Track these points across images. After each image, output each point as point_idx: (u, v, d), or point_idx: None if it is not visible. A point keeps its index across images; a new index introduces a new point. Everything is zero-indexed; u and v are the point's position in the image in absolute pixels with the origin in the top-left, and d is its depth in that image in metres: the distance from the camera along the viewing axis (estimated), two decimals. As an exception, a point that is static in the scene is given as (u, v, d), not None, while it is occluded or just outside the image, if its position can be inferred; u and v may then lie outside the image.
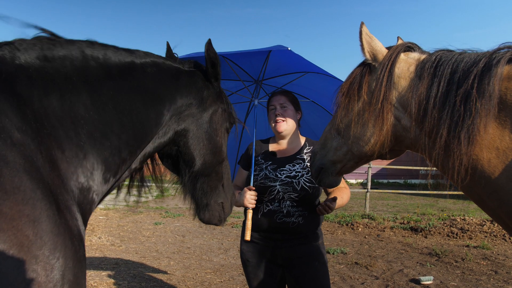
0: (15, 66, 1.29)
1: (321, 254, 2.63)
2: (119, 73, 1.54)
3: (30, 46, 1.36)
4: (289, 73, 3.19)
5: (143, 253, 7.06)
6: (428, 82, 1.50)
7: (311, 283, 2.54)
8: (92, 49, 1.50)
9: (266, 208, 2.61)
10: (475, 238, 8.09)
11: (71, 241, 1.18)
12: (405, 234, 8.70)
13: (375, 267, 6.17)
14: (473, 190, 1.45)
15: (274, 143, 2.86)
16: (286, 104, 2.74)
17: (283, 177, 2.62)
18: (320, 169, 1.94)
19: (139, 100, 1.58)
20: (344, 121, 1.77)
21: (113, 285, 5.28)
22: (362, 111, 1.69)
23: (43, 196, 1.12)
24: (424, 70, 1.53)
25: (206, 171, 1.90)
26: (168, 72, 1.74)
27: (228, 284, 5.43)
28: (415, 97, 1.53)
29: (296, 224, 2.56)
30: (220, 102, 1.94)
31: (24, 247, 1.03)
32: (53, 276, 1.09)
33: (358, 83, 1.72)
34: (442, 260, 6.53)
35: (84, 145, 1.37)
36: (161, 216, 11.31)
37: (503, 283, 5.38)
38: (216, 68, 1.87)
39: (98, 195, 1.46)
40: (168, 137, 1.77)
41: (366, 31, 1.66)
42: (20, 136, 1.16)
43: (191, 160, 1.85)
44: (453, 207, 14.03)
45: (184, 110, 1.77)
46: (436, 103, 1.46)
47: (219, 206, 2.03)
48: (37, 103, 1.28)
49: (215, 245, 7.79)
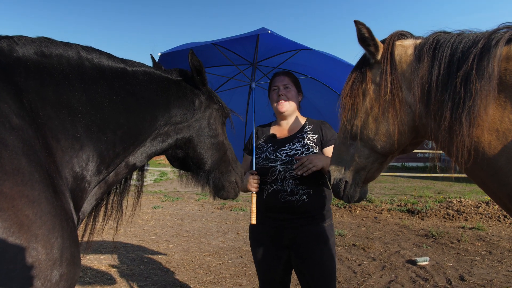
0: (13, 58, 1.35)
1: (328, 237, 2.61)
2: (112, 76, 1.63)
3: (28, 41, 1.43)
4: (282, 53, 3.17)
5: (142, 237, 7.12)
6: (428, 64, 1.49)
7: (315, 266, 2.54)
8: (87, 52, 1.59)
9: (270, 188, 2.62)
10: (471, 220, 8.17)
11: (67, 222, 1.23)
12: (402, 216, 8.78)
13: (372, 248, 6.25)
14: (475, 173, 1.45)
15: (276, 125, 2.87)
16: (289, 85, 2.75)
17: (283, 156, 2.63)
18: (343, 184, 1.84)
19: (134, 102, 1.68)
20: (356, 123, 1.72)
21: (112, 268, 5.33)
22: (371, 107, 1.66)
23: (41, 178, 1.17)
24: (423, 52, 1.52)
25: (216, 165, 2.10)
26: (159, 82, 1.85)
27: (227, 266, 5.50)
28: (417, 79, 1.52)
29: (301, 203, 2.55)
30: (212, 103, 2.08)
31: (24, 226, 1.07)
32: (53, 254, 1.14)
33: (360, 81, 1.70)
34: (438, 242, 6.61)
35: (81, 137, 1.44)
36: (160, 200, 11.37)
37: (497, 263, 5.46)
38: (202, 75, 1.99)
39: (90, 185, 1.53)
40: (169, 144, 1.90)
41: (364, 29, 1.62)
42: (18, 121, 1.20)
43: (200, 162, 2.04)
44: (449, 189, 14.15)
45: (179, 121, 1.89)
46: (438, 86, 1.45)
47: (233, 183, 2.24)
48: (33, 93, 1.33)
49: (213, 228, 7.85)
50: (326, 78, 3.32)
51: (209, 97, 2.07)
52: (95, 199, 1.66)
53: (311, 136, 2.68)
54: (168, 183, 16.12)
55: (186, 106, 1.92)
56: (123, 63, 1.72)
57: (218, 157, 2.09)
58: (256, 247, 2.71)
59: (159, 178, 18.04)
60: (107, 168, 1.61)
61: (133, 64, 1.78)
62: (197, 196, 12.00)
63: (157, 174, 19.72)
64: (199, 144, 1.99)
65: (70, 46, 1.54)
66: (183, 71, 2.03)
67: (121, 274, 5.14)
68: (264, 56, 3.20)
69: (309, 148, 2.62)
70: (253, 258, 2.78)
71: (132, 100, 1.67)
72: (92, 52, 1.61)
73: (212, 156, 2.05)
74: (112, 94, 1.59)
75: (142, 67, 1.82)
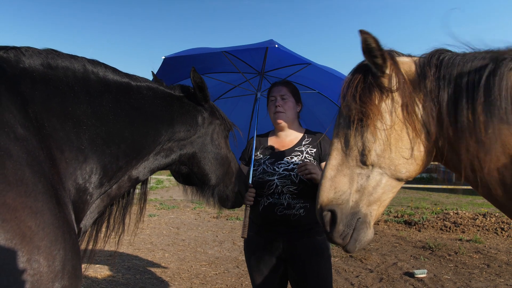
0: (19, 68, 1.35)
1: (325, 248, 2.59)
2: (117, 90, 1.64)
3: (35, 53, 1.44)
4: (292, 65, 3.16)
5: (138, 245, 7.04)
6: (436, 85, 1.41)
7: (312, 279, 2.51)
8: (93, 65, 1.60)
9: (266, 201, 2.58)
10: (468, 232, 8.17)
11: (69, 234, 1.22)
12: (399, 228, 8.76)
13: (369, 260, 6.21)
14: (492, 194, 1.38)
15: (273, 136, 2.84)
16: (287, 95, 2.71)
17: (281, 170, 2.59)
18: (355, 220, 1.50)
19: (138, 116, 1.69)
20: (373, 147, 1.46)
21: (108, 277, 5.26)
22: (391, 127, 1.46)
23: (44, 189, 1.16)
24: (427, 70, 1.44)
25: (221, 180, 2.14)
26: (163, 97, 1.86)
27: (223, 277, 5.44)
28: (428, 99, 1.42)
29: (298, 217, 2.53)
30: (215, 118, 2.10)
31: (26, 237, 1.06)
32: (55, 266, 1.12)
33: (371, 96, 1.48)
34: (436, 254, 6.59)
35: (85, 149, 1.44)
36: (156, 208, 11.29)
37: (495, 276, 5.44)
38: (204, 91, 2.01)
39: (92, 197, 1.52)
40: (172, 159, 1.91)
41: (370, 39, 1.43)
42: (23, 132, 1.20)
43: (205, 178, 2.07)
44: (446, 201, 14.16)
45: (183, 137, 1.91)
46: (450, 109, 1.36)
47: (238, 194, 2.27)
48: (39, 104, 1.33)
49: (210, 238, 7.79)
50: (333, 94, 3.31)
51: (211, 113, 2.08)
52: (97, 212, 1.65)
53: (309, 150, 2.66)
54: (164, 191, 16.03)
55: (189, 123, 1.94)
56: (127, 77, 1.74)
57: (223, 172, 2.11)
58: (251, 259, 2.67)
59: (155, 186, 17.94)
60: (110, 181, 1.60)
61: (137, 79, 1.80)
62: (193, 205, 11.93)
63: (153, 182, 19.60)
64: (203, 160, 2.01)
65: (76, 58, 1.55)
66: (185, 87, 2.04)
67: (116, 283, 5.06)
68: (272, 67, 3.19)
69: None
70: (248, 271, 2.74)
71: (137, 114, 1.68)
72: (97, 65, 1.62)
73: (217, 171, 2.08)
74: (117, 107, 1.60)
75: (146, 82, 1.83)
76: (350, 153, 1.51)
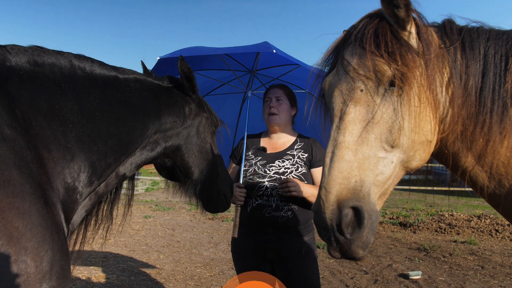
0: (5, 67, 1.34)
1: (311, 249, 2.62)
2: (104, 84, 1.63)
3: (21, 51, 1.42)
4: (283, 65, 3.17)
5: (133, 247, 7.01)
6: (473, 56, 1.21)
7: (300, 280, 2.53)
8: (79, 60, 1.59)
9: (255, 202, 2.60)
10: (463, 234, 8.19)
11: (57, 235, 1.21)
12: (394, 229, 8.78)
13: (364, 262, 6.21)
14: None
15: (266, 137, 2.84)
16: (282, 98, 2.73)
17: (272, 173, 2.60)
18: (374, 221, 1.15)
19: (125, 110, 1.67)
20: (405, 126, 1.16)
21: (102, 279, 5.23)
22: (419, 100, 1.18)
23: (32, 190, 1.15)
24: (456, 39, 1.23)
25: (203, 176, 2.08)
26: (150, 89, 1.85)
27: (218, 278, 5.42)
28: (456, 73, 1.21)
29: (285, 219, 2.55)
30: (202, 111, 2.08)
31: (13, 238, 1.05)
32: (42, 267, 1.11)
33: (417, 67, 1.18)
34: (430, 255, 6.60)
35: (72, 148, 1.43)
36: (151, 209, 11.25)
37: (489, 278, 5.46)
38: (192, 81, 2.00)
39: (81, 196, 1.51)
40: (158, 152, 1.89)
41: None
42: (10, 133, 1.19)
43: (188, 172, 2.03)
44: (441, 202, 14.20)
45: (169, 128, 1.89)
46: (485, 87, 1.18)
47: (221, 196, 2.22)
48: (26, 103, 1.32)
49: (205, 239, 7.77)
50: None
51: (199, 105, 2.07)
52: (85, 211, 1.64)
53: (301, 155, 2.67)
54: (159, 193, 15.97)
55: (176, 113, 1.92)
56: (114, 70, 1.73)
57: (206, 167, 2.07)
58: (239, 260, 2.69)
59: (151, 188, 17.88)
60: (99, 179, 1.59)
61: (125, 71, 1.79)
62: (189, 206, 11.89)
63: (149, 183, 19.53)
64: (187, 153, 1.98)
65: (62, 54, 1.54)
66: (173, 78, 2.03)
67: (111, 285, 5.04)
68: (264, 65, 3.20)
69: (298, 168, 2.60)
70: (236, 271, 2.75)
71: (123, 109, 1.67)
72: (84, 60, 1.61)
73: (200, 165, 2.04)
74: (104, 103, 1.58)
75: (133, 74, 1.82)
76: (374, 129, 1.16)
